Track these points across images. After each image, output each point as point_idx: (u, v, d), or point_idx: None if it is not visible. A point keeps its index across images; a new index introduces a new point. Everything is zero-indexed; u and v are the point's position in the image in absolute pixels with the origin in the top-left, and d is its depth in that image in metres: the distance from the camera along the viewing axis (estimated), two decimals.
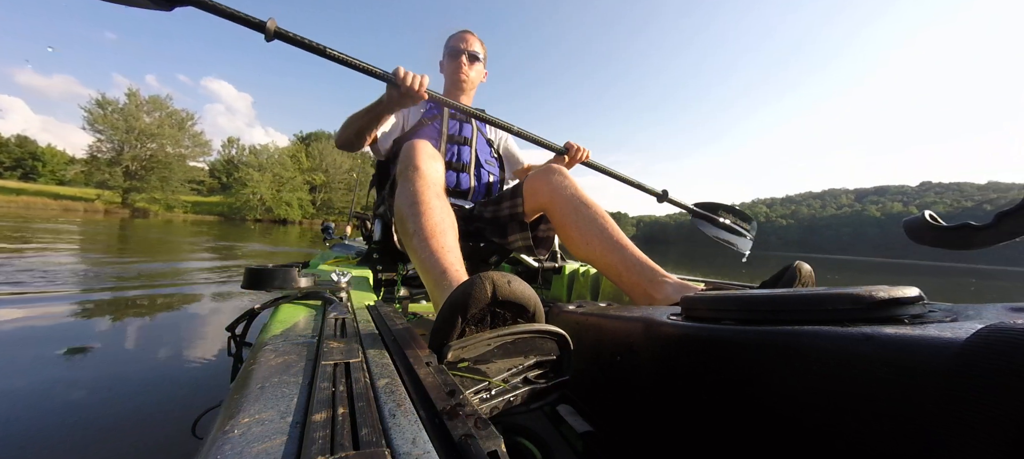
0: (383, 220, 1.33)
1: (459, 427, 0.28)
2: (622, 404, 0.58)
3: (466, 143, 1.43)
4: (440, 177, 0.97)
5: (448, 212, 0.88)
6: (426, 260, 0.77)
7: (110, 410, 1.01)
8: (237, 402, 0.32)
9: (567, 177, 1.08)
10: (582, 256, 1.02)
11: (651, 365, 0.53)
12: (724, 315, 0.45)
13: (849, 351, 0.32)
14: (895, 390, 0.29)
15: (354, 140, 1.23)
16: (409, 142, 1.00)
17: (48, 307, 1.98)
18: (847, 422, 0.32)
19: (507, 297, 0.46)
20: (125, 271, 3.27)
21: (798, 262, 0.68)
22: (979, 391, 0.25)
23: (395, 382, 0.36)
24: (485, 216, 1.23)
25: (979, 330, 0.27)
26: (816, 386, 0.34)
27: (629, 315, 0.60)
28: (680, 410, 0.48)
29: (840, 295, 0.37)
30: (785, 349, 0.37)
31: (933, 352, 0.28)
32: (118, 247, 5.39)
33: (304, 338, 0.49)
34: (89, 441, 0.87)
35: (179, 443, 0.87)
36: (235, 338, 0.75)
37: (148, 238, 7.28)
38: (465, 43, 1.44)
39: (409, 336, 0.49)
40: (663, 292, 0.83)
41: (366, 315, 0.63)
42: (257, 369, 0.39)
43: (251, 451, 0.26)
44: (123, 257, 4.27)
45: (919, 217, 0.44)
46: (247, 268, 0.72)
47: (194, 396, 1.11)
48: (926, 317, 0.35)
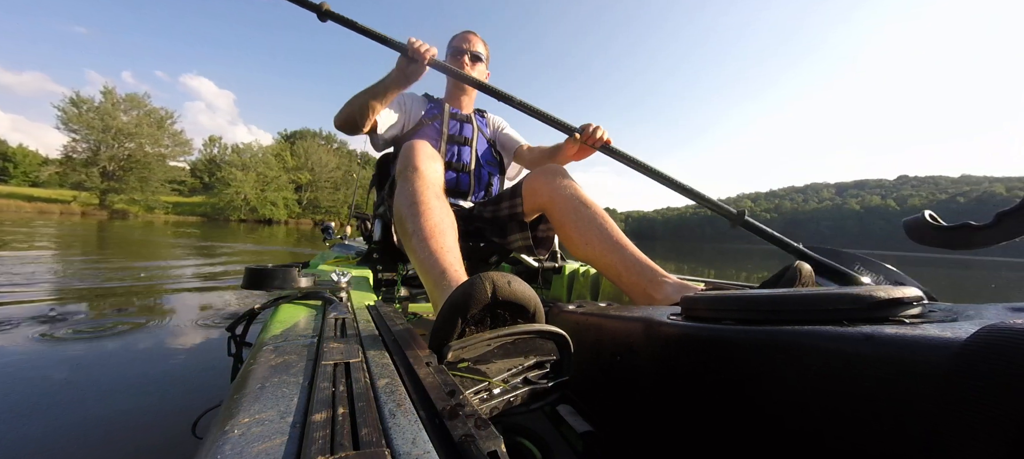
0: (383, 220, 1.33)
1: (459, 427, 0.28)
2: (622, 404, 0.58)
3: (466, 143, 1.43)
4: (439, 177, 0.97)
5: (447, 212, 0.88)
6: (425, 260, 0.77)
7: (109, 410, 1.01)
8: (237, 402, 0.32)
9: (566, 177, 1.08)
10: (582, 256, 1.02)
11: (651, 365, 0.53)
12: (724, 315, 0.45)
13: (849, 351, 0.32)
14: (895, 390, 0.29)
15: (357, 118, 1.21)
16: (409, 142, 1.01)
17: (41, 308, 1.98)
18: (847, 422, 0.32)
19: (507, 297, 0.45)
20: (118, 272, 3.27)
21: (798, 262, 0.68)
22: (979, 391, 0.25)
23: (395, 382, 0.36)
24: (484, 216, 1.23)
25: (979, 330, 0.27)
26: (816, 386, 0.34)
27: (629, 315, 0.60)
28: (680, 410, 0.48)
29: (840, 295, 0.37)
30: (785, 349, 0.37)
31: (933, 352, 0.28)
32: (98, 249, 5.33)
33: (304, 338, 0.49)
34: (88, 442, 0.87)
35: (179, 443, 0.87)
36: (235, 338, 0.75)
37: (130, 239, 7.12)
38: (468, 43, 1.43)
39: (409, 336, 0.49)
40: (663, 292, 0.83)
41: (366, 315, 0.63)
42: (257, 369, 0.39)
43: (251, 451, 0.26)
44: (109, 259, 4.26)
45: (920, 217, 0.44)
46: (247, 268, 0.72)
47: (194, 396, 1.11)
48: (926, 317, 0.35)
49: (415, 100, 1.46)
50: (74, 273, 3.07)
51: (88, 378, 1.19)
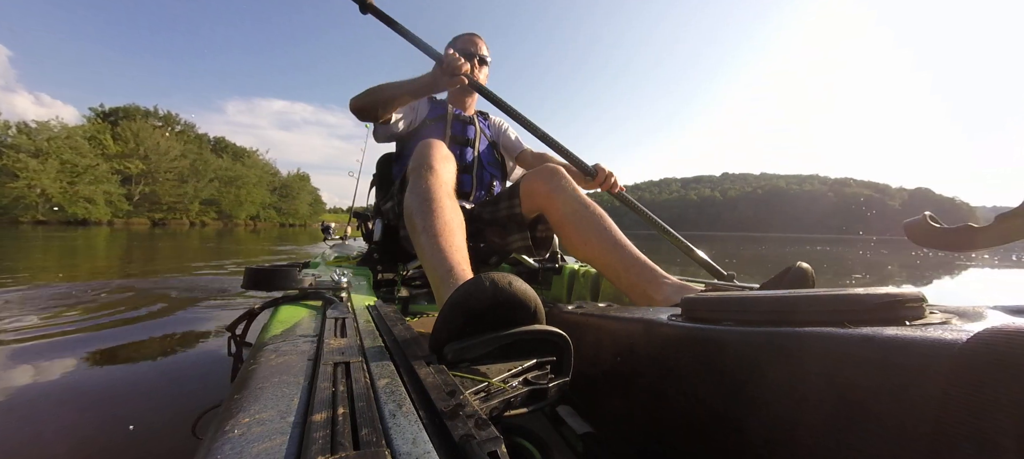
0: (384, 220, 1.33)
1: (459, 427, 0.28)
2: (622, 404, 0.58)
3: (469, 144, 1.43)
4: (452, 178, 0.99)
5: (457, 213, 0.89)
6: (433, 257, 0.77)
7: (109, 410, 1.01)
8: (237, 402, 0.32)
9: (565, 177, 1.08)
10: (581, 256, 1.02)
11: (651, 366, 0.53)
12: (724, 316, 0.45)
13: (849, 353, 0.32)
14: (895, 392, 0.29)
15: (379, 108, 1.24)
16: (425, 141, 1.01)
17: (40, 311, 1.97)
18: (847, 423, 0.32)
19: (508, 298, 0.45)
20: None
21: (799, 263, 0.68)
22: (979, 392, 0.25)
23: (395, 382, 0.36)
24: (484, 216, 1.23)
25: (979, 331, 0.27)
26: (816, 387, 0.34)
27: (629, 316, 0.60)
28: (680, 411, 0.48)
29: (840, 296, 0.37)
30: (785, 350, 0.37)
31: (933, 353, 0.28)
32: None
33: (304, 338, 0.49)
34: (88, 442, 0.87)
35: (179, 443, 0.87)
36: (235, 338, 0.75)
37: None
38: (475, 46, 1.44)
39: (409, 336, 0.49)
40: (663, 293, 0.83)
41: (366, 315, 0.63)
42: (257, 369, 0.39)
43: (251, 451, 0.26)
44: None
45: (920, 219, 0.44)
46: (247, 268, 0.72)
47: (194, 396, 1.11)
48: (926, 318, 0.35)
49: (418, 102, 1.46)
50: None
51: (87, 378, 1.19)
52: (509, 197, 1.17)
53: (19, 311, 1.94)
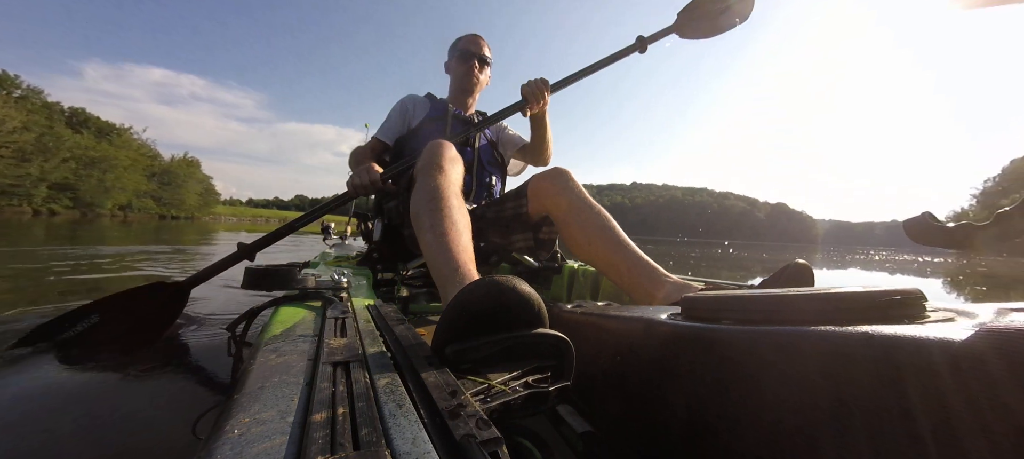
0: (386, 219, 1.33)
1: (460, 427, 0.28)
2: (622, 404, 0.58)
3: (468, 144, 1.43)
4: (460, 179, 0.99)
5: (464, 214, 0.89)
6: (439, 256, 0.78)
7: (108, 410, 1.01)
8: (237, 402, 0.32)
9: (572, 180, 1.10)
10: (584, 256, 1.02)
11: (651, 365, 0.53)
12: (724, 315, 0.45)
13: (849, 351, 0.32)
14: (895, 391, 0.29)
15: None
16: (435, 141, 1.02)
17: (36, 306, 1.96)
18: (847, 423, 0.32)
19: (512, 301, 0.46)
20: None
21: (798, 261, 0.68)
22: (979, 392, 0.25)
23: (395, 382, 0.36)
24: (487, 216, 1.24)
25: (979, 330, 0.27)
26: (816, 386, 0.34)
27: (629, 315, 0.60)
28: (680, 410, 0.48)
29: (840, 295, 0.37)
30: (785, 349, 0.37)
31: (933, 352, 0.28)
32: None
33: (304, 338, 0.49)
34: (87, 442, 0.87)
35: (179, 443, 0.87)
36: (235, 338, 0.75)
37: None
38: (477, 47, 1.45)
39: (410, 336, 0.49)
40: (663, 291, 0.83)
41: (366, 315, 0.63)
42: (257, 369, 0.39)
43: (251, 451, 0.26)
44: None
45: (921, 217, 0.44)
46: (247, 268, 0.72)
47: (194, 396, 1.11)
48: (926, 317, 0.35)
49: (417, 102, 1.46)
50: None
51: (85, 378, 1.19)
52: (516, 197, 1.18)
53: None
